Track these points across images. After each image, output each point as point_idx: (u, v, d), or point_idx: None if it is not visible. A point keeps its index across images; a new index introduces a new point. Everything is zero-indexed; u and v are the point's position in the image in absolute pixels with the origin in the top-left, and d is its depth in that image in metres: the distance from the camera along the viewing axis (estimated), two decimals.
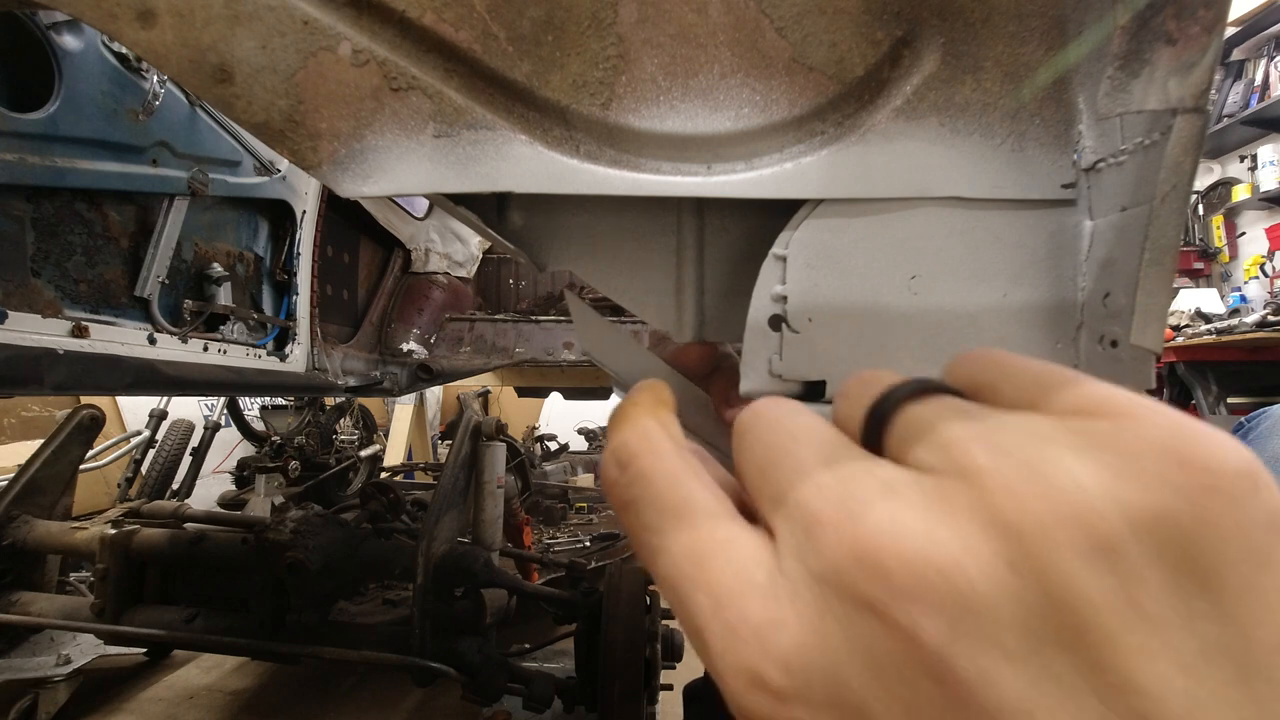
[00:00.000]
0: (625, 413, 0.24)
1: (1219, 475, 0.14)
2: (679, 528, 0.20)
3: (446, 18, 0.33)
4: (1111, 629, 0.14)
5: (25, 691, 1.70)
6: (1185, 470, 0.14)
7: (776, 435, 0.20)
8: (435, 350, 2.56)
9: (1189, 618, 0.14)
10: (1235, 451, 0.14)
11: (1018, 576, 0.14)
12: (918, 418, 0.18)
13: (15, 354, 1.01)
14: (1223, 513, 0.14)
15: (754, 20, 0.33)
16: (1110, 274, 0.33)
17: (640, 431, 0.23)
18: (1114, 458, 0.15)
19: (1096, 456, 0.15)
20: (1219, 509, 0.14)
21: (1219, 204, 4.32)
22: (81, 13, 0.33)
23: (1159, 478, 0.14)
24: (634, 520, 0.21)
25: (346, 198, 0.36)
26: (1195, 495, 0.14)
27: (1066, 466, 0.15)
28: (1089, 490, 0.14)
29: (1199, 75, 0.28)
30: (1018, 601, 0.14)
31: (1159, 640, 0.13)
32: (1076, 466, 0.15)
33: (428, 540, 1.50)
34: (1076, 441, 0.15)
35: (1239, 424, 0.85)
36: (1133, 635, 0.13)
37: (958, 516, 0.15)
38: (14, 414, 3.03)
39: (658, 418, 0.23)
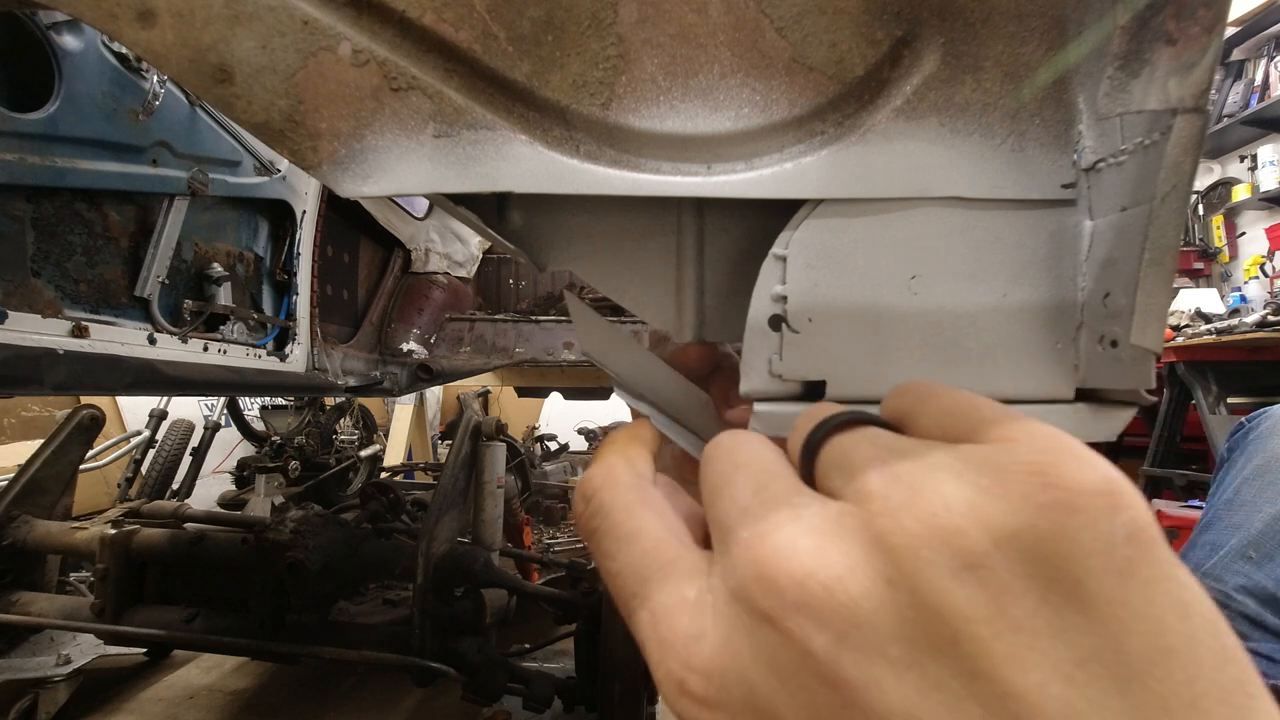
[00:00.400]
0: (600, 451, 0.27)
1: (1078, 493, 0.15)
2: (629, 553, 0.22)
3: (446, 18, 0.33)
4: (984, 638, 0.14)
5: (25, 691, 1.71)
6: (1047, 489, 0.15)
7: (724, 465, 0.22)
8: (435, 350, 2.56)
9: (1062, 629, 0.14)
10: (1096, 470, 0.15)
11: (895, 591, 0.15)
12: (839, 447, 0.20)
13: (15, 354, 1.01)
14: (1082, 528, 0.15)
15: (754, 20, 0.33)
16: (1110, 274, 0.33)
17: (605, 467, 0.25)
18: (986, 479, 0.16)
19: (971, 479, 0.16)
20: (1078, 524, 0.15)
21: (1219, 204, 4.32)
22: (81, 13, 0.33)
23: (1022, 497, 0.15)
24: (596, 547, 0.23)
25: (346, 198, 0.36)
26: (1055, 512, 0.15)
27: (940, 489, 0.16)
28: (955, 510, 0.15)
29: (1199, 75, 0.28)
30: (897, 614, 0.15)
31: (1033, 649, 0.14)
32: (949, 489, 0.16)
33: (428, 540, 1.50)
34: (958, 466, 0.17)
35: (1239, 424, 0.85)
36: (1005, 644, 0.14)
37: (846, 538, 0.17)
38: (14, 414, 3.03)
39: (626, 455, 0.26)
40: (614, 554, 0.22)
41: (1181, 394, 3.07)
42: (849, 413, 0.22)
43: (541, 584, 1.82)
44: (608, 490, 0.24)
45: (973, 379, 0.36)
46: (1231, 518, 0.77)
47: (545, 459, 3.68)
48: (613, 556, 0.22)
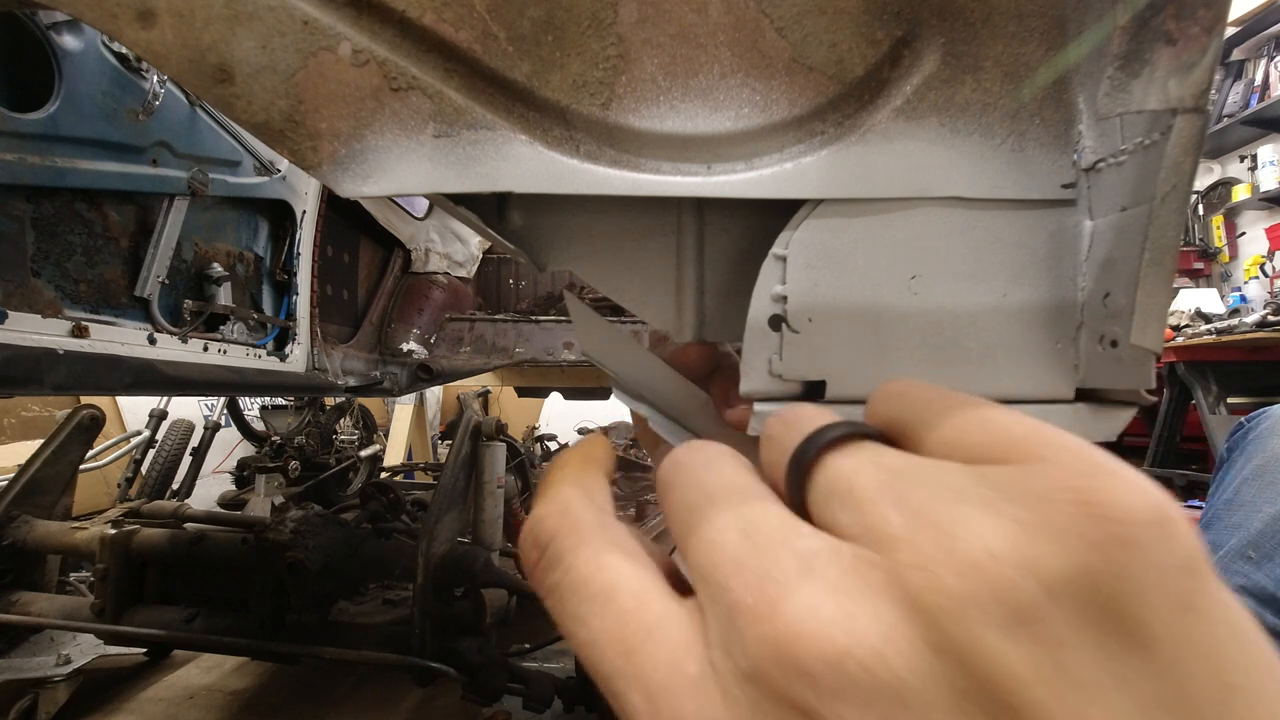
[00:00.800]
0: (548, 478, 0.23)
1: (1130, 525, 0.14)
2: (605, 616, 0.18)
3: (446, 18, 0.33)
4: (1044, 701, 0.13)
5: (25, 691, 1.70)
6: (1098, 522, 0.14)
7: (692, 495, 0.19)
8: (435, 350, 2.56)
9: (1122, 677, 0.13)
10: (1145, 495, 0.14)
11: (941, 659, 0.14)
12: (836, 472, 0.18)
13: (15, 354, 1.01)
14: (1139, 563, 0.13)
15: (754, 20, 0.33)
16: (1110, 274, 0.33)
17: (559, 506, 0.21)
18: (1024, 512, 0.14)
19: (1008, 513, 0.14)
20: (1135, 560, 0.14)
21: (1219, 204, 4.32)
22: (81, 13, 0.33)
23: (1071, 533, 0.14)
24: (558, 609, 0.20)
25: (346, 198, 0.36)
26: (1109, 549, 0.14)
27: (977, 531, 0.14)
28: (1000, 557, 0.14)
29: (1199, 75, 0.28)
30: (947, 685, 0.14)
31: (1095, 705, 0.13)
32: (987, 530, 0.14)
33: (428, 540, 1.50)
34: (986, 495, 0.15)
35: (1239, 424, 0.85)
36: (1066, 704, 0.13)
37: (875, 598, 0.15)
38: (14, 414, 3.03)
39: (581, 484, 0.22)
40: (585, 618, 0.18)
41: (1181, 394, 3.07)
42: (841, 425, 0.19)
43: None
44: (566, 534, 0.20)
45: (973, 379, 0.36)
46: (1231, 518, 0.77)
47: (545, 459, 3.67)
48: (584, 622, 0.18)
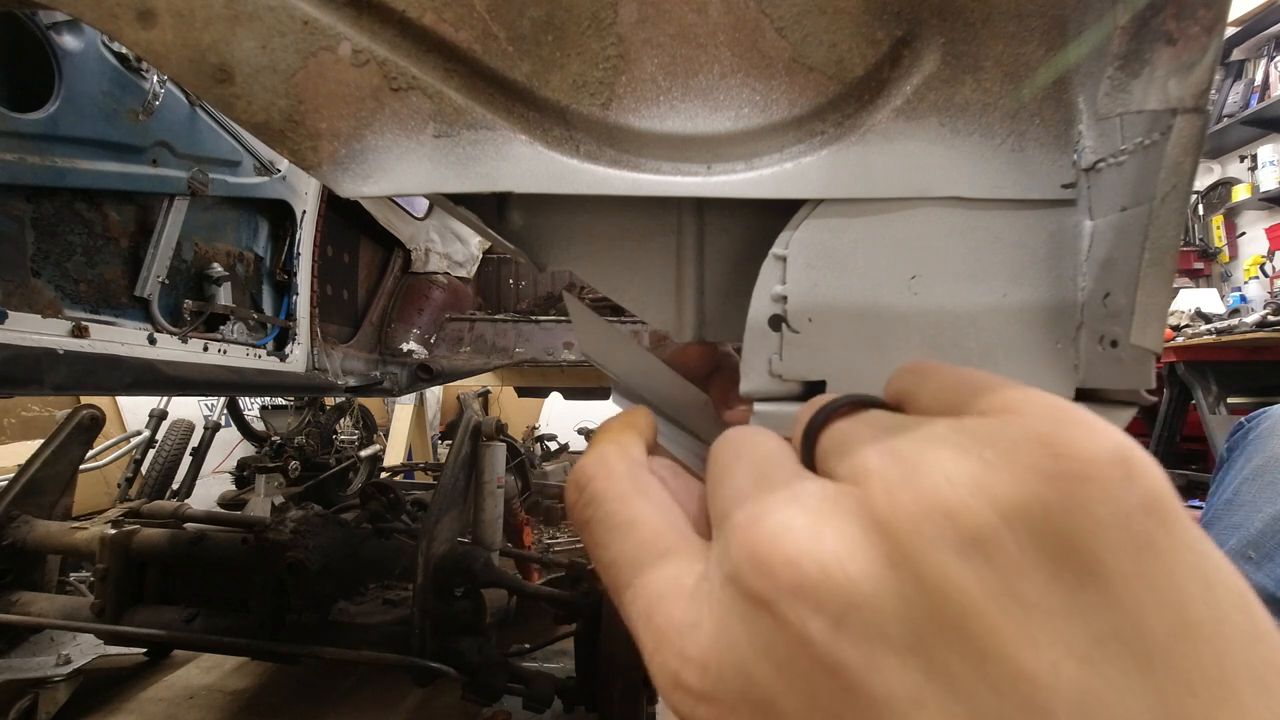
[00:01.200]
0: (593, 439, 0.26)
1: (1089, 462, 0.14)
2: (625, 542, 0.21)
3: (446, 18, 0.33)
4: (993, 619, 0.14)
5: (25, 691, 1.70)
6: (1056, 459, 0.14)
7: (726, 455, 0.21)
8: (435, 350, 2.56)
9: (1077, 607, 0.14)
10: (1108, 439, 0.14)
11: (896, 572, 0.14)
12: (839, 431, 0.20)
13: (15, 354, 1.01)
14: (1094, 499, 0.14)
15: (754, 20, 0.33)
16: (1110, 274, 0.33)
17: (598, 456, 0.24)
18: (991, 451, 0.15)
19: (973, 452, 0.15)
20: (1090, 496, 0.14)
21: (1219, 204, 4.32)
22: (81, 13, 0.33)
23: (1029, 468, 0.14)
24: (590, 538, 0.23)
25: (346, 198, 0.36)
26: (1065, 483, 0.14)
27: (941, 464, 0.15)
28: (958, 484, 0.15)
29: (1199, 75, 0.28)
30: (899, 596, 0.14)
31: (1045, 629, 0.13)
32: (951, 464, 0.15)
33: (428, 540, 1.50)
34: (959, 439, 0.16)
35: (1238, 424, 0.85)
36: (1016, 624, 0.13)
37: (843, 517, 0.16)
38: (14, 414, 3.03)
39: (619, 442, 0.25)
40: (608, 543, 0.21)
41: (1181, 394, 3.07)
42: (849, 396, 0.21)
43: (541, 584, 1.82)
44: (601, 479, 0.23)
45: None
46: (1231, 518, 0.77)
47: (545, 459, 3.68)
48: (606, 546, 0.22)
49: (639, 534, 0.21)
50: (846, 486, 0.17)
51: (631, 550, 0.21)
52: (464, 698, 1.48)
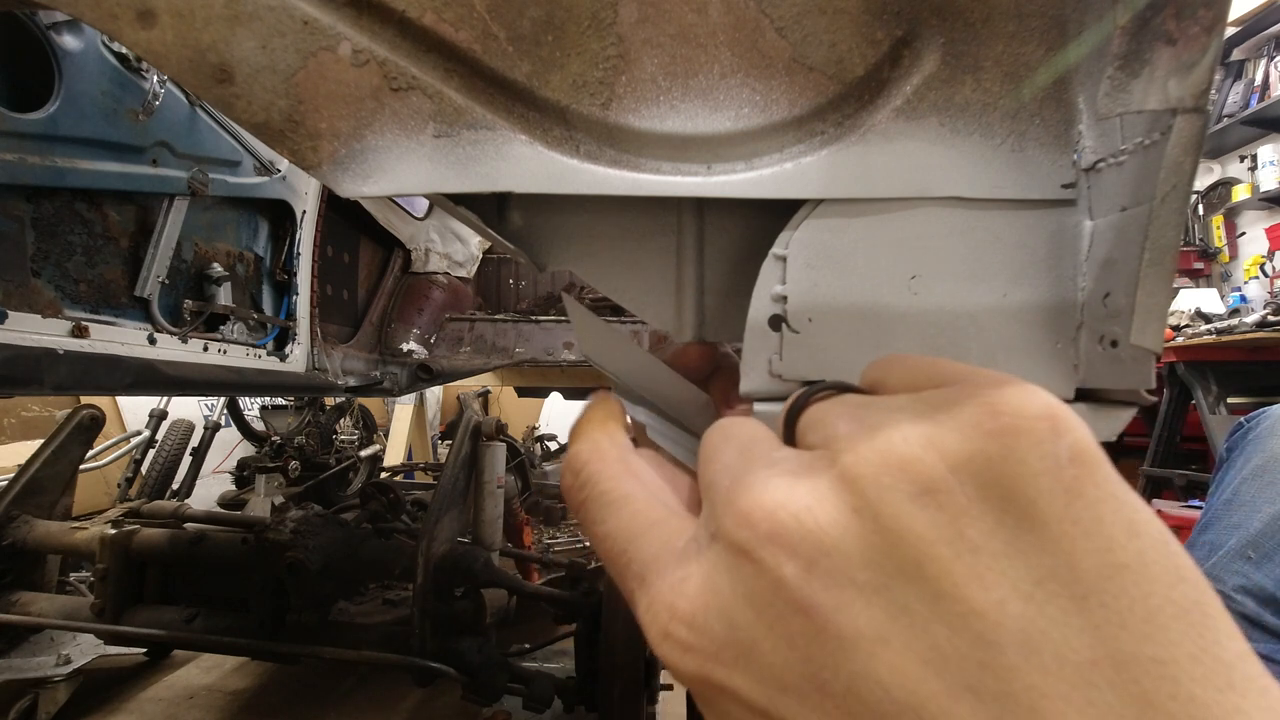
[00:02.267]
0: (579, 429, 0.28)
1: (1021, 418, 0.16)
2: (619, 516, 0.23)
3: (446, 18, 0.33)
4: (945, 560, 0.15)
5: (25, 691, 1.71)
6: (996, 417, 0.16)
7: (716, 439, 0.23)
8: (435, 350, 2.56)
9: (1019, 549, 0.15)
10: (1040, 399, 0.16)
11: (860, 519, 0.16)
12: (816, 411, 0.22)
13: (15, 354, 1.01)
14: (1028, 449, 0.15)
15: (754, 20, 0.33)
16: (1110, 274, 0.33)
17: (591, 443, 0.26)
18: (941, 415, 0.17)
19: (927, 416, 0.17)
20: (1025, 447, 0.15)
21: (1219, 204, 4.32)
22: (81, 13, 0.33)
23: (973, 425, 0.16)
24: (586, 517, 0.24)
25: (346, 198, 0.36)
26: (1003, 437, 0.16)
27: (899, 426, 0.17)
28: (912, 441, 0.16)
29: (1199, 75, 0.28)
30: (863, 541, 0.16)
31: (991, 569, 0.15)
32: (907, 425, 0.17)
33: (428, 540, 1.50)
34: (917, 407, 0.18)
35: (1238, 424, 0.85)
36: (965, 565, 0.15)
37: (815, 476, 0.18)
38: (14, 414, 3.03)
39: (606, 431, 0.27)
40: (603, 519, 0.23)
41: (1181, 394, 3.07)
42: (827, 383, 0.23)
43: (541, 584, 1.82)
44: (596, 462, 0.25)
45: None
46: (1231, 518, 0.77)
47: (545, 459, 3.68)
48: (602, 521, 0.23)
49: (632, 507, 0.23)
50: (819, 451, 0.19)
51: (625, 522, 0.22)
52: (464, 698, 1.48)
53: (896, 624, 0.15)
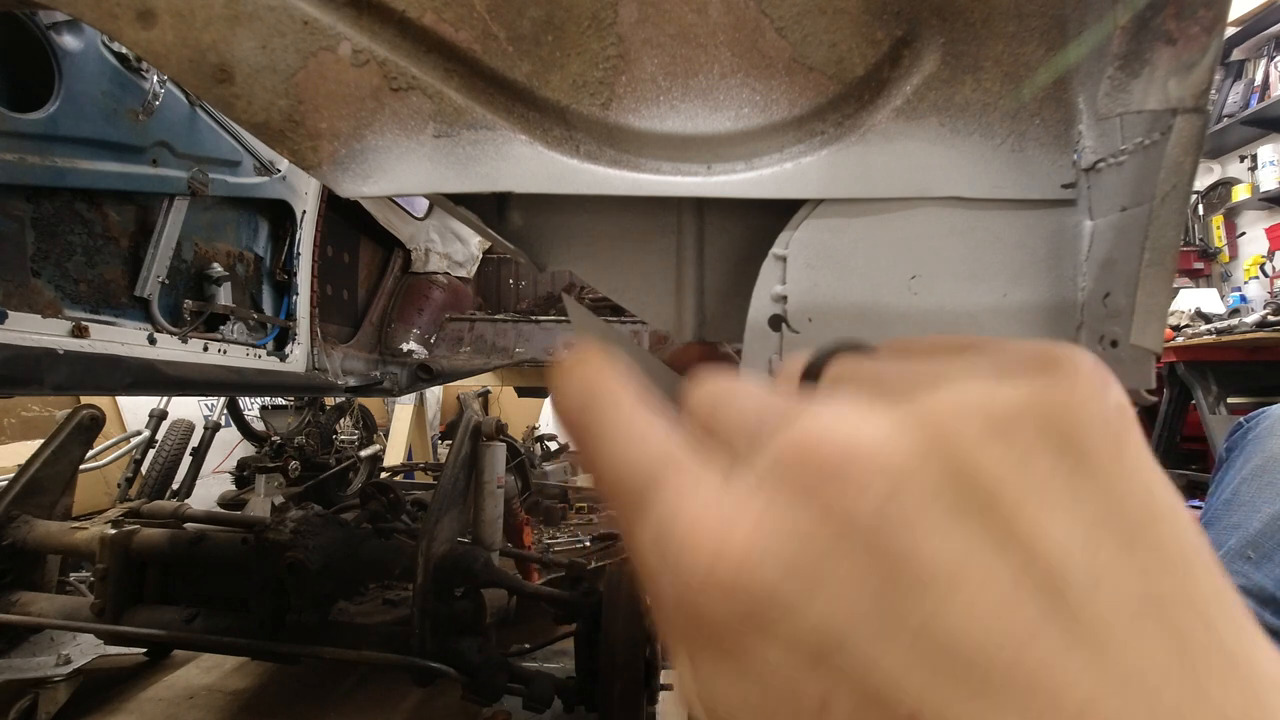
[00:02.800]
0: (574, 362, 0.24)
1: (1079, 373, 0.17)
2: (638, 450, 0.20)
3: (446, 18, 0.33)
4: (1016, 498, 0.15)
5: (25, 691, 1.70)
6: (1053, 370, 0.17)
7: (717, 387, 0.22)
8: (435, 350, 2.56)
9: (1076, 491, 0.16)
10: (1087, 355, 0.17)
11: (934, 454, 0.16)
12: (846, 365, 0.21)
13: (15, 354, 1.01)
14: (1084, 400, 0.16)
15: (754, 20, 0.33)
16: (1110, 274, 0.33)
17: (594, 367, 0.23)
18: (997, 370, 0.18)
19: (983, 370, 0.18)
20: (1080, 397, 0.16)
21: (1219, 204, 4.32)
22: (81, 13, 0.33)
23: (1033, 376, 0.17)
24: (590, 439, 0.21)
25: (346, 198, 0.36)
26: (1063, 387, 0.17)
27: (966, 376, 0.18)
28: (985, 388, 0.17)
29: (1199, 75, 0.28)
30: (938, 475, 0.16)
31: (1055, 509, 0.15)
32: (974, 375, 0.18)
33: (428, 540, 1.50)
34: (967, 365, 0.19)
35: (1237, 424, 0.85)
36: (1032, 505, 0.15)
37: (883, 415, 0.17)
38: (14, 414, 3.03)
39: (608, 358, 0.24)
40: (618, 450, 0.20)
41: (1181, 394, 3.07)
42: (850, 340, 0.22)
43: (541, 584, 1.82)
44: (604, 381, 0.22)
45: None
46: (1230, 518, 0.77)
47: (545, 459, 3.68)
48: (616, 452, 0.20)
49: (654, 442, 0.20)
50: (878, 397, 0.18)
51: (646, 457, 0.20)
52: (464, 698, 1.48)
53: (968, 560, 0.15)
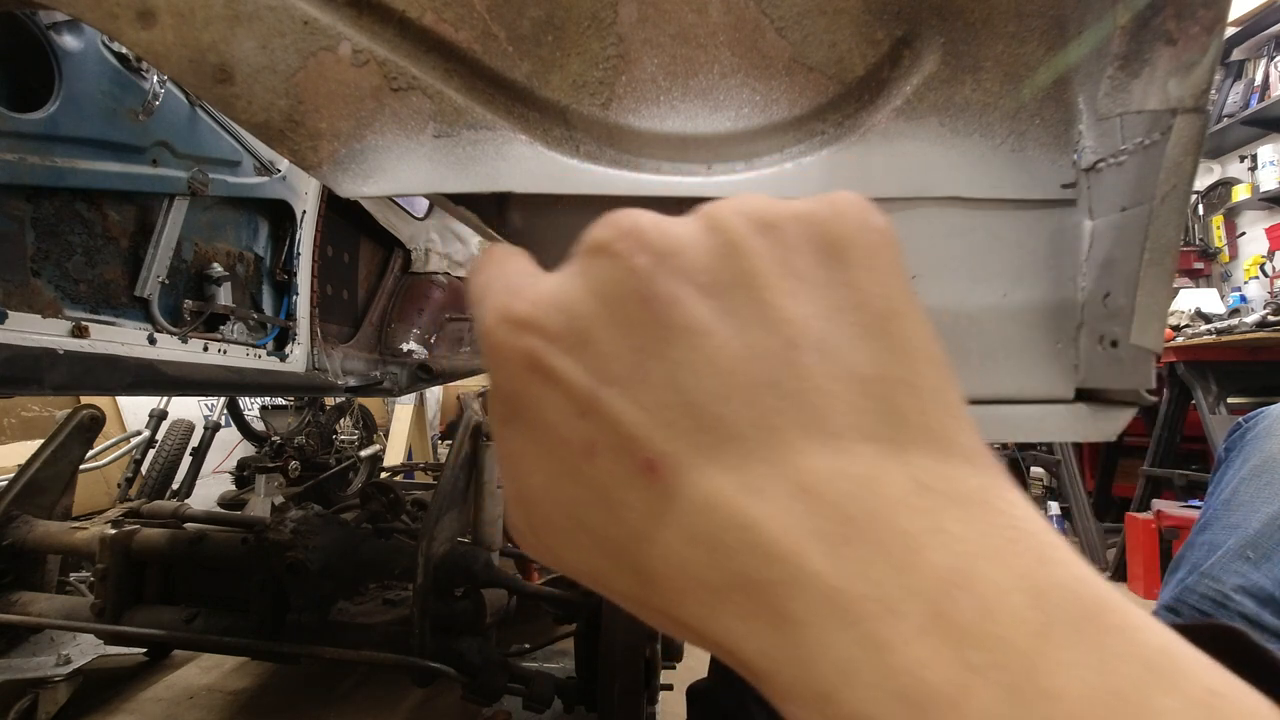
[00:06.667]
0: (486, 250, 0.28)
1: (848, 201, 0.20)
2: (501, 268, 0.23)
3: (446, 18, 0.33)
4: (772, 277, 0.18)
5: (25, 691, 1.70)
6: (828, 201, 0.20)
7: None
8: (435, 350, 2.56)
9: (828, 284, 0.19)
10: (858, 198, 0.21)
11: (710, 235, 0.19)
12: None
13: (15, 354, 1.01)
14: (850, 217, 0.20)
15: (754, 20, 0.33)
16: (1110, 274, 0.33)
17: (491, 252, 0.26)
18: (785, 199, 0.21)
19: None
20: (848, 215, 0.20)
21: (1219, 204, 4.32)
22: (81, 13, 0.33)
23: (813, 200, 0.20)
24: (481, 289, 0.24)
25: (346, 198, 0.36)
26: (832, 206, 0.20)
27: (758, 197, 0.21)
28: (763, 199, 0.20)
29: (1199, 75, 0.28)
30: (709, 251, 0.19)
31: (806, 291, 0.18)
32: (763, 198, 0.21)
33: (428, 540, 1.50)
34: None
35: (1236, 424, 0.85)
36: (787, 284, 0.18)
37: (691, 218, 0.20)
38: (14, 414, 3.03)
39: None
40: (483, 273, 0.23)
41: (1181, 394, 3.07)
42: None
43: (541, 584, 1.82)
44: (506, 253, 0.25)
45: (974, 379, 0.36)
46: (1229, 518, 0.77)
47: None
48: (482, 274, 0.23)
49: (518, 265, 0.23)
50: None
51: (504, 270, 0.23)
52: (464, 698, 1.48)
53: (723, 322, 0.18)
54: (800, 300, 0.18)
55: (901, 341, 0.18)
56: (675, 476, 0.17)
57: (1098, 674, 0.13)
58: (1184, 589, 0.74)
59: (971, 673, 0.14)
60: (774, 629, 0.15)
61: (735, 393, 0.17)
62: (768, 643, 0.16)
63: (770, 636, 0.15)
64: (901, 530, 0.15)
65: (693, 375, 0.17)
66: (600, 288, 0.19)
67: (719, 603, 0.16)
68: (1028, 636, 0.14)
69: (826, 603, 0.15)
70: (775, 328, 0.18)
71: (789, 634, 0.15)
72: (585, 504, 0.18)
